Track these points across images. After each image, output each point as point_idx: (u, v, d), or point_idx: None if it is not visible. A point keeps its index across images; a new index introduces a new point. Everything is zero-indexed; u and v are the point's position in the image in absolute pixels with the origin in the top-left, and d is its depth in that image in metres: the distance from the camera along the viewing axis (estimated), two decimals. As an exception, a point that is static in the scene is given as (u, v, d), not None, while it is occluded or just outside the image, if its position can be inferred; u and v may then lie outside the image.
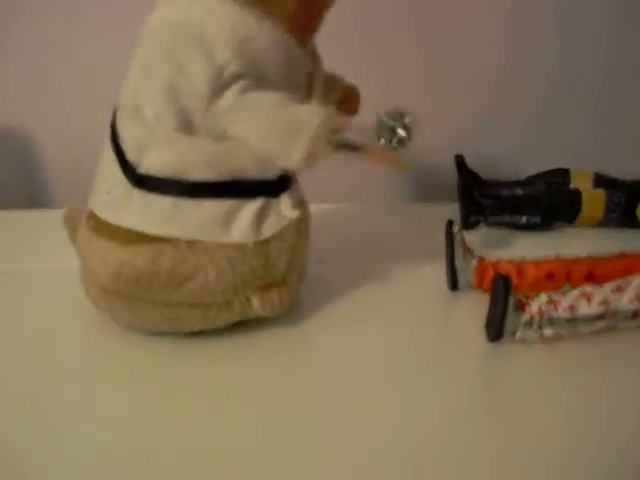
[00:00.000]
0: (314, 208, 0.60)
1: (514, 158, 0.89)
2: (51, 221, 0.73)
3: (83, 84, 0.93)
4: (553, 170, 0.80)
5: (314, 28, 0.57)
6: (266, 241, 0.55)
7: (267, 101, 0.53)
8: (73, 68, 0.93)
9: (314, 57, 0.58)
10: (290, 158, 0.52)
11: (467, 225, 0.75)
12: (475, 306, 0.59)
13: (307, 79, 0.57)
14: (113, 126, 0.56)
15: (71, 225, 0.62)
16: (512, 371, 0.54)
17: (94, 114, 0.86)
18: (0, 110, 0.96)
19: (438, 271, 0.64)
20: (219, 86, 0.51)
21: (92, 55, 0.91)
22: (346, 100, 0.62)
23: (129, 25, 0.81)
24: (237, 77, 0.52)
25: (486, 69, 0.87)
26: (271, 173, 0.54)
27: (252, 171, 0.54)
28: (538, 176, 0.80)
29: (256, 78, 0.53)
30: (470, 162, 0.78)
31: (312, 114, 0.52)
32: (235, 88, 0.52)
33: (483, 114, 0.86)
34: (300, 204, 0.56)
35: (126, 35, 0.73)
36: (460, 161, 0.78)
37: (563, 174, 0.79)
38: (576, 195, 0.75)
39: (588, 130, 0.92)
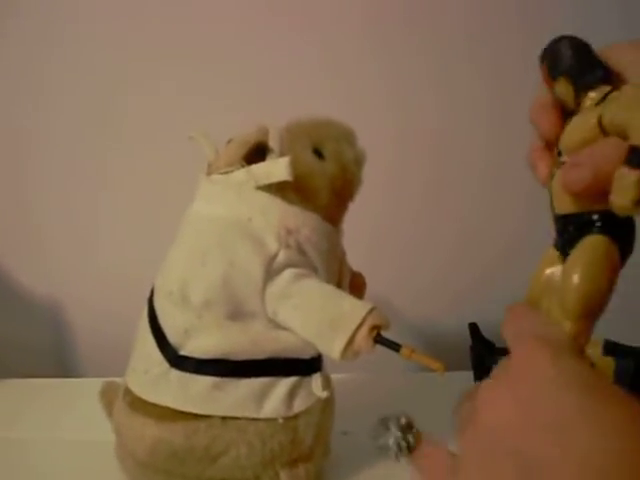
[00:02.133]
0: (339, 377, 0.62)
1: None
2: (82, 391, 0.75)
3: (113, 259, 0.97)
4: None
5: (341, 217, 0.62)
6: (295, 417, 0.56)
7: (315, 290, 0.56)
8: (100, 241, 0.98)
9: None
10: (332, 350, 0.54)
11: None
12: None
13: (337, 268, 0.61)
14: (150, 305, 0.59)
15: (107, 399, 0.64)
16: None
17: (124, 289, 0.89)
18: (36, 278, 1.00)
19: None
20: (272, 273, 0.54)
21: (121, 228, 0.97)
22: (353, 285, 0.65)
23: (160, 199, 0.85)
24: (287, 265, 0.55)
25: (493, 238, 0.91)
26: (306, 353, 0.57)
27: (290, 352, 0.56)
28: None
29: (304, 266, 0.56)
30: (485, 329, 0.79)
31: (357, 308, 0.54)
32: (286, 275, 0.55)
33: (496, 279, 0.89)
34: (328, 384, 0.59)
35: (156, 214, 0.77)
36: (474, 329, 0.80)
37: None
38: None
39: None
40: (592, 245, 0.46)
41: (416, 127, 0.87)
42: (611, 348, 0.78)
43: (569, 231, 0.49)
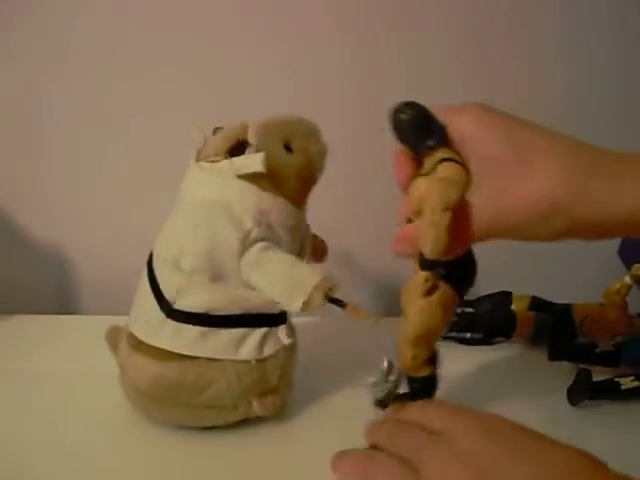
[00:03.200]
0: (303, 320, 0.70)
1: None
2: (86, 327, 0.86)
3: (113, 204, 1.03)
4: (498, 292, 0.88)
5: (306, 199, 0.71)
6: (265, 359, 0.67)
7: (280, 260, 0.66)
8: (103, 188, 1.02)
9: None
10: (291, 306, 0.64)
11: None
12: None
13: (300, 239, 0.71)
14: (150, 265, 0.68)
15: (112, 340, 0.73)
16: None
17: (122, 233, 0.99)
18: (37, 224, 1.05)
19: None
20: (246, 245, 0.65)
21: (120, 175, 1.01)
22: (316, 250, 0.75)
23: (152, 150, 0.94)
24: (258, 240, 0.65)
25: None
26: (275, 309, 0.67)
27: (261, 309, 0.66)
28: (485, 297, 0.88)
29: (272, 240, 0.66)
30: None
31: (313, 274, 0.64)
32: (257, 247, 0.65)
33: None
34: (292, 333, 0.69)
35: (150, 162, 0.86)
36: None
37: (506, 296, 0.88)
38: (511, 316, 0.86)
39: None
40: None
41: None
42: (537, 304, 0.88)
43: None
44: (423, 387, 0.63)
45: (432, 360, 0.63)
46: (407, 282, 0.60)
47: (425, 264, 0.56)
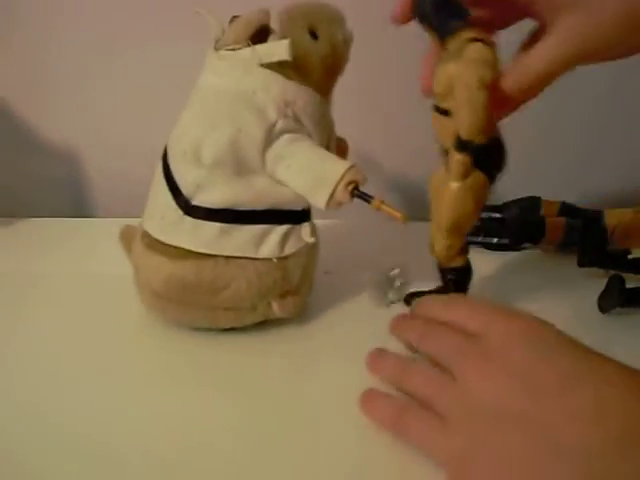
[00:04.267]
0: (324, 223, 0.70)
1: (500, 183, 0.97)
2: (100, 230, 0.84)
3: (124, 102, 1.00)
4: (527, 197, 0.87)
5: (331, 90, 0.68)
6: (286, 258, 0.64)
7: (305, 152, 0.63)
8: (114, 85, 0.99)
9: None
10: (317, 201, 0.62)
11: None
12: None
13: (327, 134, 0.68)
14: (165, 160, 0.65)
15: (126, 240, 0.72)
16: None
17: (133, 131, 0.97)
18: (46, 125, 1.03)
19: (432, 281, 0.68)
20: (271, 138, 0.62)
21: (134, 73, 0.98)
22: (338, 150, 0.71)
23: (168, 50, 0.91)
24: (284, 131, 0.62)
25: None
26: (298, 206, 0.65)
27: (285, 205, 0.64)
28: (513, 202, 0.87)
29: (298, 132, 0.63)
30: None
31: (339, 166, 0.62)
32: (282, 140, 0.62)
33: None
34: (315, 232, 0.67)
35: (165, 58, 0.83)
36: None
37: (535, 201, 0.87)
38: (540, 222, 0.83)
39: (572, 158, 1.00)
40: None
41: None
42: (566, 210, 0.86)
43: (442, 160, 0.59)
44: (459, 278, 0.64)
45: (465, 250, 0.64)
46: (434, 173, 0.61)
47: (460, 145, 0.55)
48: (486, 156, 0.57)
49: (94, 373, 0.62)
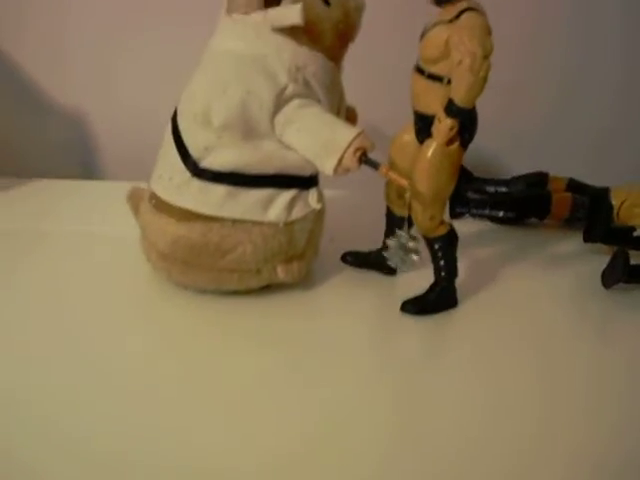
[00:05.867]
0: (329, 193, 0.69)
1: (508, 157, 0.97)
2: (108, 192, 0.85)
3: (136, 68, 1.00)
4: (534, 173, 0.88)
5: (342, 56, 0.68)
6: (292, 222, 0.65)
7: (315, 117, 0.62)
8: (128, 51, 0.99)
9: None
10: (324, 167, 0.61)
11: (453, 215, 0.85)
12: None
13: (337, 101, 0.67)
14: (174, 122, 0.65)
15: (133, 201, 0.72)
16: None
17: (145, 96, 0.97)
18: (59, 88, 1.02)
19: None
20: (281, 102, 0.61)
21: (147, 39, 0.98)
22: (347, 118, 0.70)
23: (181, 17, 0.91)
24: (294, 96, 0.62)
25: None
26: (306, 171, 0.64)
27: (293, 169, 0.63)
28: (520, 177, 0.87)
29: (308, 97, 0.63)
30: (469, 159, 0.77)
31: (347, 132, 0.61)
32: (292, 104, 0.62)
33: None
34: (321, 198, 0.67)
35: (178, 25, 0.83)
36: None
37: (542, 177, 0.87)
38: (547, 197, 0.84)
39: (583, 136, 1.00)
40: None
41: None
42: (573, 186, 0.87)
43: (419, 125, 0.61)
44: (445, 245, 0.64)
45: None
46: (399, 136, 0.64)
47: (453, 111, 0.56)
48: (470, 123, 0.58)
49: (97, 329, 0.63)
